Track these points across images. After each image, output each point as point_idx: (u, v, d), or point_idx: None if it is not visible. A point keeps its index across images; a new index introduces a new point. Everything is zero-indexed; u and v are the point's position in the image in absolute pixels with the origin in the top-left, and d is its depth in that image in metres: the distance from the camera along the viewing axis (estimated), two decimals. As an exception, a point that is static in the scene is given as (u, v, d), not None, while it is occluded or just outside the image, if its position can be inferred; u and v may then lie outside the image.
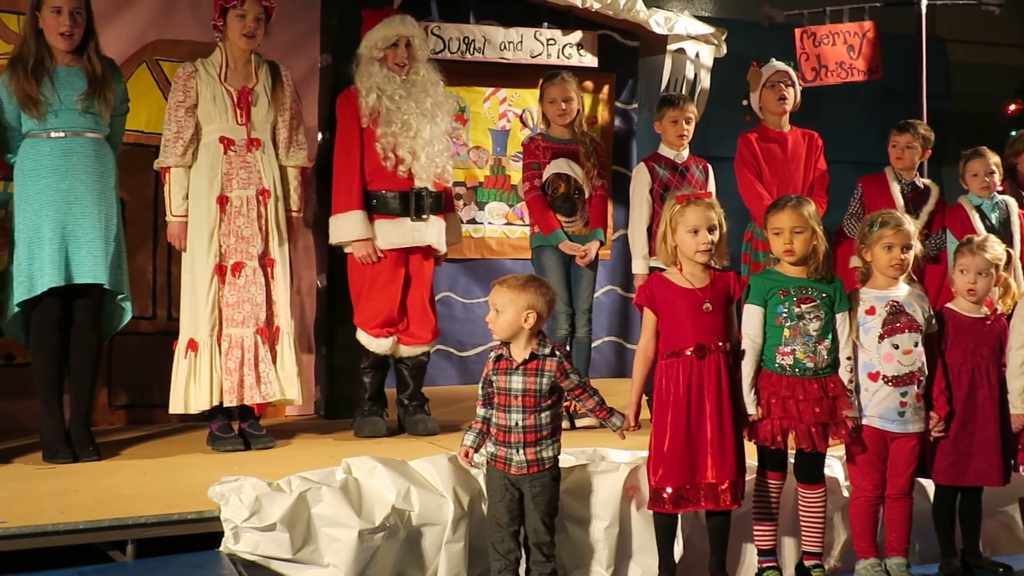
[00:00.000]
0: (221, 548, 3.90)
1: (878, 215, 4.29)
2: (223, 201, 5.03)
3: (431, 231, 5.34)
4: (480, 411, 4.02)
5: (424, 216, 5.31)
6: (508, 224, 7.13)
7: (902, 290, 4.23)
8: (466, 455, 4.03)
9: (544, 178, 5.55)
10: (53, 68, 4.81)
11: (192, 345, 5.01)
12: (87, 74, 4.85)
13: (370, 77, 5.26)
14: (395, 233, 5.29)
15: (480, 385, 4.01)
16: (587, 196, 5.60)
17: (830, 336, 4.10)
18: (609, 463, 4.34)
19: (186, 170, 5.07)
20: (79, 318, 4.88)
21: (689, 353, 4.02)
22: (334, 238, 5.36)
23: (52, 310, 4.81)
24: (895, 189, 5.86)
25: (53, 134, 4.81)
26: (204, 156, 5.06)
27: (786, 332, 4.06)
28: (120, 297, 4.97)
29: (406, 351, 5.40)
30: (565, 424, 4.81)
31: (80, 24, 4.81)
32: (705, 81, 7.27)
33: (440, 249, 5.42)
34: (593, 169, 5.61)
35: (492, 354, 3.97)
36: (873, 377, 4.16)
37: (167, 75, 5.62)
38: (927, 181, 6.00)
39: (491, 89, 7.05)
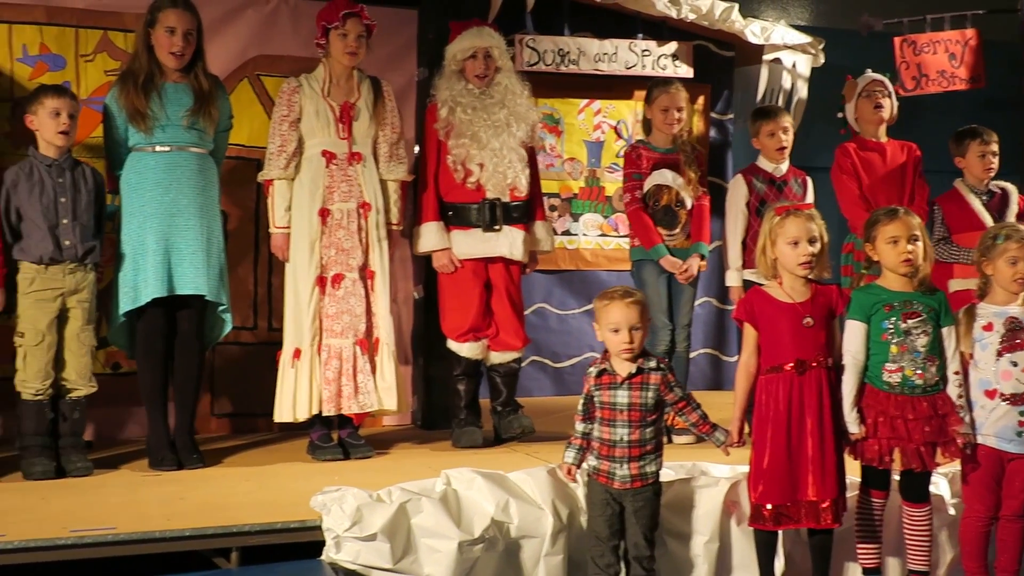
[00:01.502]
0: (323, 557, 3.94)
1: (1001, 227, 4.20)
2: (324, 214, 5.10)
3: (503, 242, 5.37)
4: (579, 426, 4.02)
5: (496, 227, 5.33)
6: (603, 235, 7.12)
7: (1020, 306, 4.13)
8: (568, 472, 4.02)
9: (645, 189, 5.55)
10: (162, 84, 4.92)
11: (296, 354, 5.08)
12: (194, 91, 4.96)
13: (448, 90, 5.33)
14: (468, 243, 5.35)
15: (580, 400, 4.00)
16: (688, 207, 5.59)
17: (938, 352, 4.02)
18: (709, 478, 4.31)
19: (289, 183, 5.15)
20: (182, 328, 4.98)
21: (789, 368, 3.97)
22: (416, 248, 5.45)
23: (156, 320, 4.92)
24: (974, 202, 5.70)
25: (158, 148, 4.92)
26: (307, 169, 5.14)
27: (893, 348, 3.99)
28: (221, 308, 5.06)
29: (496, 358, 5.43)
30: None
31: (191, 44, 4.92)
32: (802, 91, 7.19)
33: (514, 259, 5.42)
34: (695, 179, 5.59)
35: (592, 369, 3.96)
36: (990, 395, 4.07)
37: (268, 90, 5.73)
38: (1002, 184, 5.82)
39: (585, 101, 7.05)
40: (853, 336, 4.03)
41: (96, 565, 3.84)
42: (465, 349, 5.37)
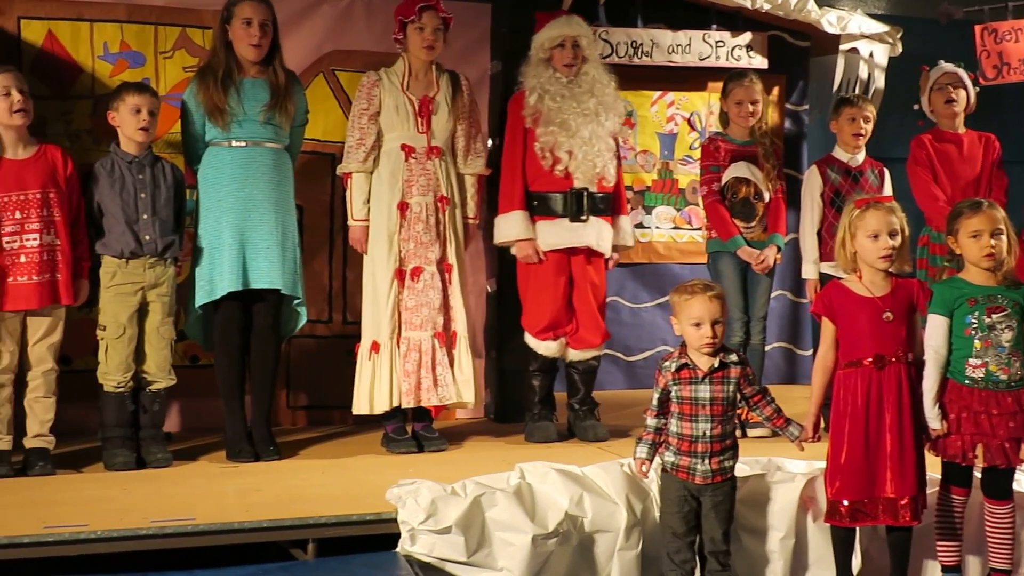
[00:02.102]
0: (398, 549, 3.97)
1: None
2: (403, 207, 5.13)
3: (590, 232, 5.33)
4: (651, 421, 3.98)
5: (583, 217, 5.31)
6: (676, 228, 7.08)
7: None
8: (641, 467, 4.01)
9: (723, 181, 5.51)
10: (240, 80, 4.97)
11: (375, 347, 5.12)
12: (271, 86, 5.01)
13: (535, 78, 5.30)
14: (553, 234, 5.31)
15: (655, 395, 3.97)
16: (766, 200, 5.54)
17: (1023, 346, 3.93)
18: (785, 473, 4.27)
19: (367, 175, 5.17)
20: (258, 322, 5.04)
21: (868, 363, 3.92)
22: (497, 238, 5.42)
23: (232, 314, 4.99)
24: None
25: (235, 143, 4.98)
26: (386, 163, 5.17)
27: (977, 344, 3.91)
28: (296, 302, 5.11)
29: (575, 355, 5.41)
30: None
31: (268, 35, 4.97)
32: (879, 81, 7.08)
33: (601, 251, 5.39)
34: (772, 172, 5.55)
35: (669, 364, 3.92)
36: None
37: (343, 85, 5.77)
38: None
39: (659, 93, 7.00)
40: (935, 330, 3.96)
41: (175, 555, 3.90)
42: (543, 347, 5.36)
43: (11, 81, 4.64)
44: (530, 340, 5.39)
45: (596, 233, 5.33)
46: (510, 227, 5.33)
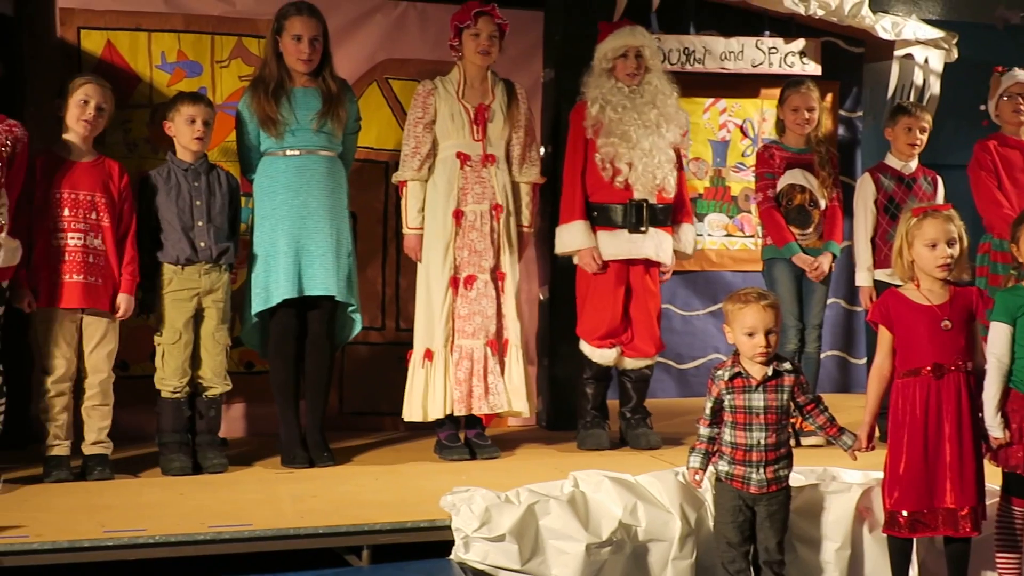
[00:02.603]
0: (452, 556, 3.98)
1: None
2: (458, 215, 5.15)
3: (649, 243, 5.32)
4: (704, 430, 3.97)
5: (642, 228, 5.30)
6: (728, 236, 7.05)
7: None
8: (694, 476, 3.99)
9: (778, 188, 5.49)
10: (291, 89, 5.02)
11: (428, 355, 5.14)
12: (322, 95, 5.04)
13: (597, 88, 5.30)
14: (613, 245, 5.31)
15: (708, 404, 3.96)
16: (822, 208, 5.51)
17: (1088, 356, 3.87)
18: (841, 483, 4.23)
19: (422, 184, 5.20)
20: (313, 329, 5.07)
21: (926, 372, 3.88)
22: (559, 248, 5.42)
23: (288, 321, 5.02)
24: None
25: (289, 152, 5.01)
26: (441, 171, 5.19)
27: (1041, 352, 3.87)
28: (351, 308, 5.15)
29: (630, 364, 5.41)
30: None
31: (318, 50, 5.01)
32: (935, 87, 7.00)
33: (661, 262, 5.38)
34: (828, 179, 5.52)
35: (722, 372, 3.91)
36: None
37: (396, 93, 5.80)
38: None
39: (711, 100, 6.98)
40: (998, 338, 3.89)
41: (232, 560, 3.94)
42: (599, 355, 5.36)
43: (93, 93, 4.74)
44: (585, 348, 5.39)
45: (655, 244, 5.33)
46: (571, 237, 5.33)
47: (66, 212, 4.68)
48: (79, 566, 3.79)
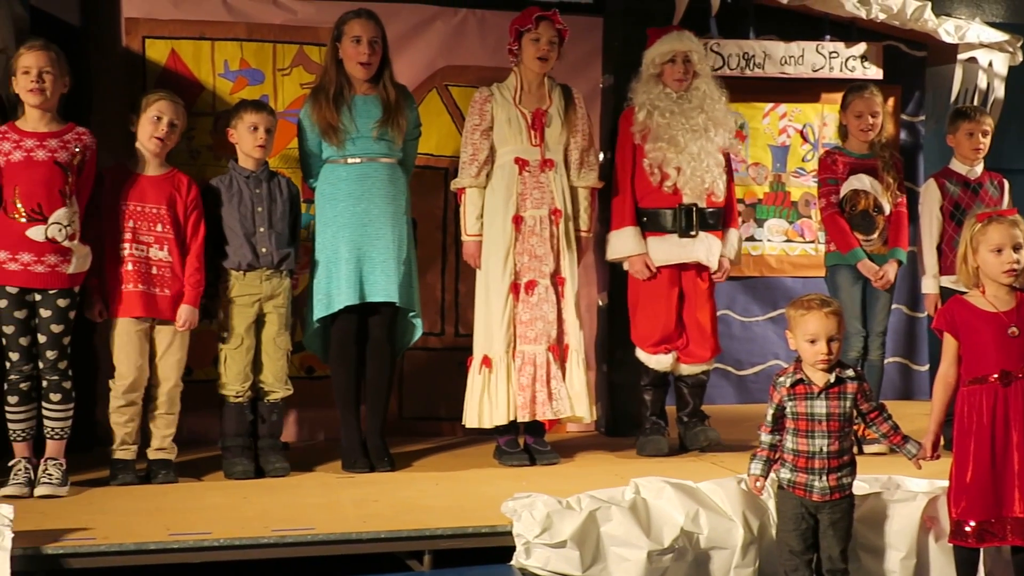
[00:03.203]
0: (512, 562, 3.98)
1: None
2: (518, 220, 5.16)
3: (700, 247, 5.30)
4: (765, 437, 3.94)
5: (692, 232, 5.28)
6: (788, 241, 7.00)
7: None
8: (755, 483, 3.97)
9: (842, 194, 5.44)
10: (352, 97, 5.05)
11: (486, 361, 5.15)
12: (382, 101, 5.08)
13: (645, 94, 5.30)
14: (663, 250, 5.30)
15: (769, 411, 3.93)
16: (886, 213, 5.46)
17: None
18: (905, 492, 4.19)
19: (480, 190, 5.22)
20: (374, 334, 5.10)
21: (993, 380, 3.83)
22: (610, 254, 5.43)
23: (349, 326, 5.06)
24: None
25: (350, 160, 5.05)
26: (499, 177, 5.20)
27: (1111, 359, 3.80)
28: (411, 314, 5.18)
29: (685, 369, 5.39)
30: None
31: (377, 53, 5.04)
32: (999, 91, 6.91)
33: (711, 266, 5.35)
34: (892, 184, 5.47)
35: (784, 379, 3.88)
36: None
37: (456, 100, 5.82)
38: None
39: (771, 105, 6.94)
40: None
41: (295, 563, 3.97)
42: (655, 361, 5.35)
43: (167, 109, 4.81)
44: (641, 354, 5.38)
45: (706, 248, 5.31)
46: (622, 243, 5.33)
47: (132, 224, 4.75)
48: (143, 568, 3.84)
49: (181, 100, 4.92)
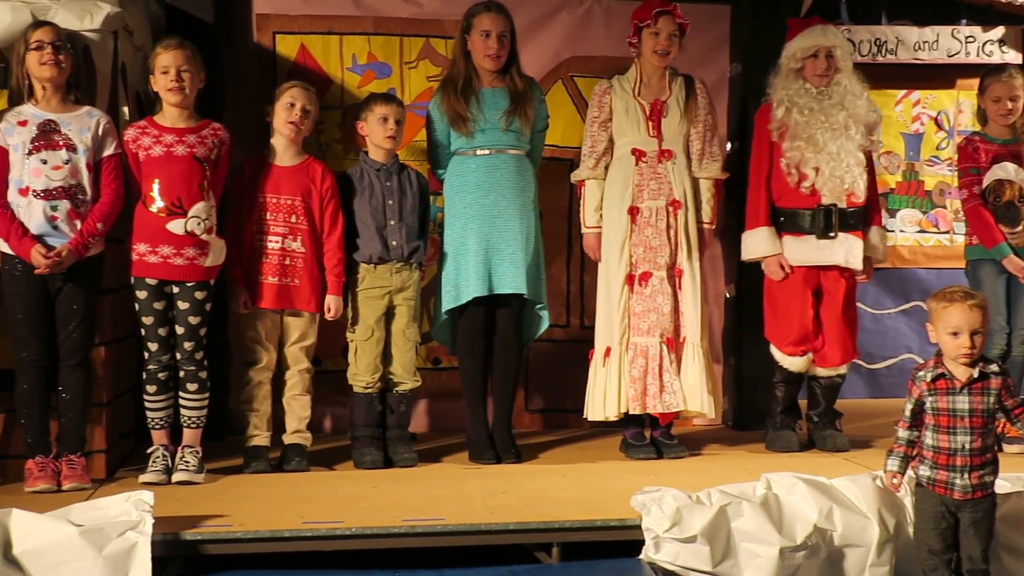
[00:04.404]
0: (641, 556, 3.95)
1: None
2: (634, 212, 5.12)
3: (839, 249, 5.17)
4: (903, 433, 3.86)
5: (831, 234, 5.16)
6: (921, 232, 6.83)
7: None
8: (892, 480, 3.87)
9: (984, 184, 5.28)
10: (479, 89, 5.07)
11: (608, 353, 5.13)
12: (510, 93, 5.08)
13: (784, 89, 5.18)
14: (800, 251, 5.19)
15: (907, 406, 3.83)
16: (1032, 203, 5.29)
17: None
18: (1050, 492, 4.06)
19: (599, 183, 5.19)
20: (502, 326, 5.11)
21: None
22: (745, 255, 5.34)
23: (477, 318, 5.08)
24: None
25: (479, 152, 5.07)
26: (617, 168, 5.17)
27: None
28: (538, 306, 5.18)
29: (820, 371, 5.29)
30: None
31: (506, 46, 5.05)
32: None
33: (851, 268, 5.21)
34: None
35: (924, 373, 3.78)
36: None
37: (581, 91, 5.79)
38: None
39: (904, 92, 6.78)
40: None
41: (425, 553, 4.00)
42: (789, 362, 5.25)
43: (299, 96, 4.90)
44: (776, 354, 5.29)
45: (845, 250, 5.17)
46: (756, 244, 5.24)
47: (268, 215, 4.84)
48: (277, 555, 3.91)
49: (314, 89, 4.99)
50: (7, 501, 3.95)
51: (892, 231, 6.77)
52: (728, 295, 5.94)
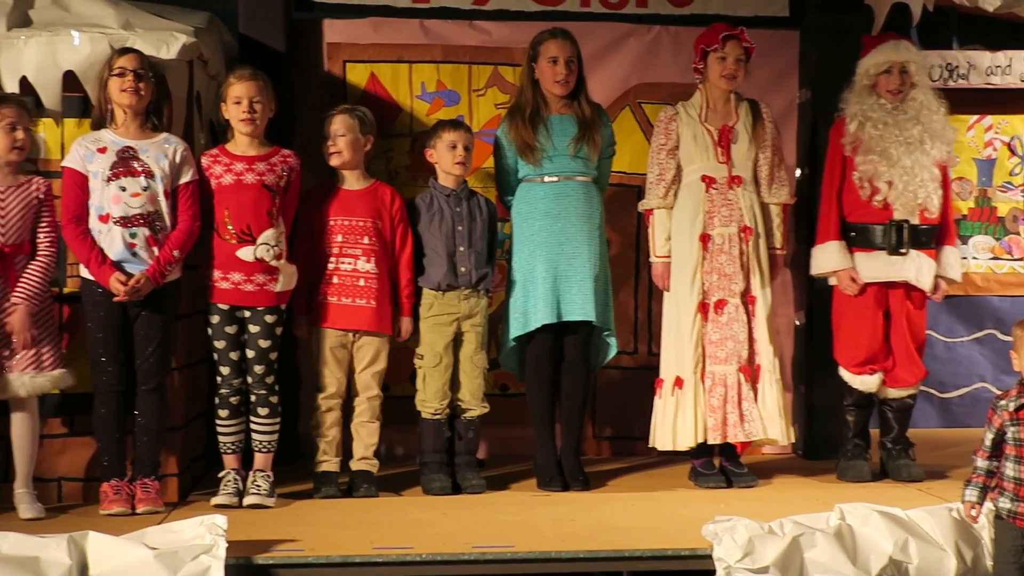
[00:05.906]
0: (713, 586, 3.93)
1: None
2: (705, 239, 5.09)
3: (910, 266, 5.11)
4: (981, 463, 3.79)
5: (903, 250, 5.10)
6: (995, 259, 6.72)
7: None
8: (970, 511, 3.80)
9: (1063, 210, 5.21)
10: (547, 117, 5.08)
11: (678, 382, 5.09)
12: (578, 120, 5.09)
13: (858, 104, 5.15)
14: (870, 267, 5.13)
15: (987, 435, 3.77)
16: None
17: None
18: None
19: (668, 211, 5.17)
20: (570, 353, 5.10)
21: None
22: (814, 269, 5.30)
23: (545, 345, 5.07)
24: None
25: (547, 179, 5.08)
26: (687, 195, 5.15)
27: None
28: (606, 333, 5.16)
29: (891, 392, 5.21)
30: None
31: (573, 72, 5.06)
32: None
33: (920, 286, 5.15)
34: None
35: (1005, 402, 3.72)
36: None
37: (649, 117, 5.78)
38: None
39: (976, 117, 6.68)
40: None
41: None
42: (859, 381, 5.19)
43: (344, 124, 4.91)
44: (845, 374, 5.23)
45: (916, 267, 5.12)
46: (827, 258, 5.19)
47: (339, 238, 4.88)
48: (346, 580, 3.93)
49: (359, 114, 4.99)
50: (83, 523, 4.02)
51: (965, 258, 6.66)
52: (797, 322, 5.88)
